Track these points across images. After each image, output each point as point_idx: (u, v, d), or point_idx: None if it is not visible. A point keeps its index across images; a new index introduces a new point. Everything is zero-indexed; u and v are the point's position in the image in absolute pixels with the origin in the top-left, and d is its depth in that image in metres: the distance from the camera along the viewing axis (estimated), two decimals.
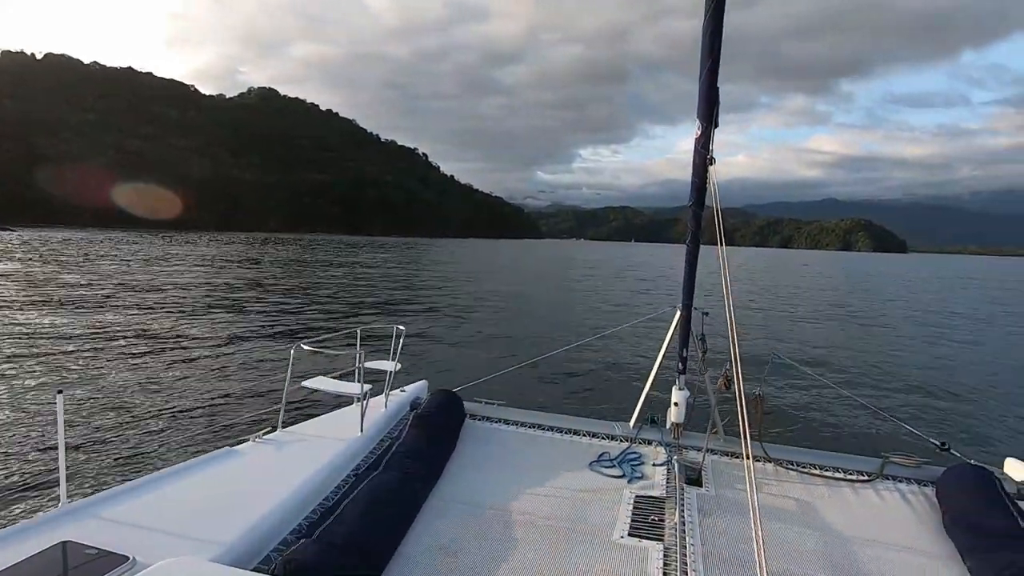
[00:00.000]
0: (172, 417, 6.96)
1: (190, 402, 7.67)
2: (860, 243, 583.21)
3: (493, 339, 14.40)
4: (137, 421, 6.76)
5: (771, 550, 2.38)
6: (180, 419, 6.92)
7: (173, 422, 6.79)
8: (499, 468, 3.03)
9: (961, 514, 2.65)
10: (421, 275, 35.75)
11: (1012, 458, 3.22)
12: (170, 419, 6.89)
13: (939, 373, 12.84)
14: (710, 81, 2.77)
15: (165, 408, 7.30)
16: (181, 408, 7.36)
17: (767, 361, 10.14)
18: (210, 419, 6.97)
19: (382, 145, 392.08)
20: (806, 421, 8.36)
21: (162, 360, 10.04)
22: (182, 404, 7.54)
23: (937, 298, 34.80)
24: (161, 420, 6.87)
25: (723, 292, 2.84)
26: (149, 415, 7.01)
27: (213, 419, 6.96)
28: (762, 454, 3.27)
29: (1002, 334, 19.51)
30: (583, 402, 8.64)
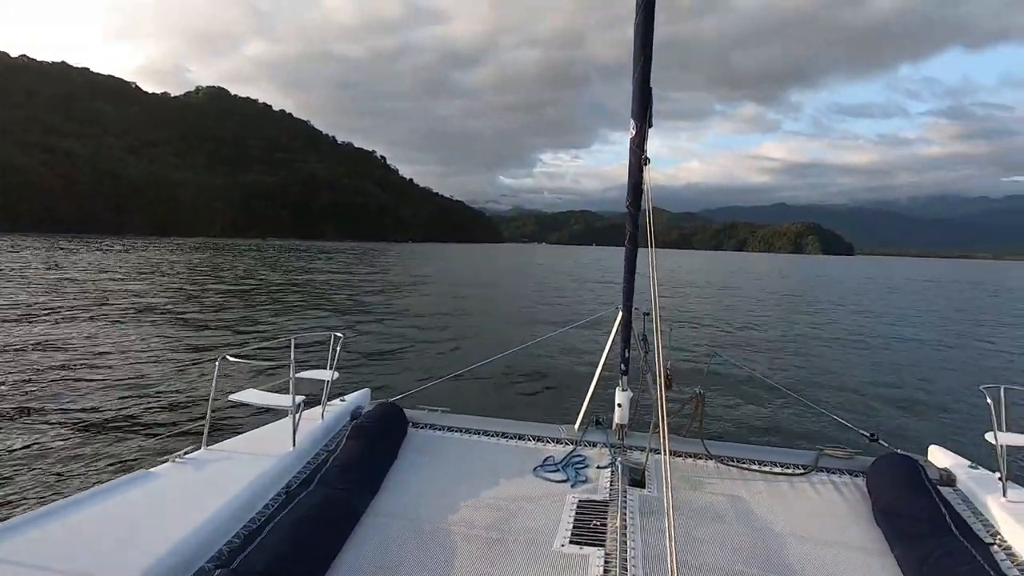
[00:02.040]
0: (84, 439, 6.35)
1: (105, 422, 6.98)
2: (810, 246, 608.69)
3: (440, 344, 14.00)
4: (43, 444, 6.17)
5: (710, 548, 2.45)
6: (93, 441, 6.32)
7: (85, 444, 6.20)
8: (442, 478, 2.95)
9: (888, 503, 2.75)
10: (371, 281, 34.29)
11: (935, 446, 3.40)
12: (81, 441, 6.28)
13: (869, 368, 13.44)
14: (643, 81, 2.79)
15: (76, 429, 6.67)
16: (95, 429, 6.72)
17: (708, 360, 9.89)
18: (127, 440, 6.44)
19: (338, 147, 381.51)
20: (746, 417, 8.60)
21: (73, 376, 9.06)
22: (96, 424, 6.88)
23: (873, 298, 35.89)
24: (71, 442, 6.27)
25: (651, 293, 2.92)
26: (58, 437, 6.42)
27: (130, 440, 6.45)
28: (703, 452, 3.32)
29: (926, 331, 20.65)
30: (530, 406, 8.61)
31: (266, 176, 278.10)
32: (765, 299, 32.48)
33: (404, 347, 13.44)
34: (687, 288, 39.37)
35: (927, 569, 2.24)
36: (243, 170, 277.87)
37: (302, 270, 42.27)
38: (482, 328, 17.14)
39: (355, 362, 11.11)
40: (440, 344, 14.04)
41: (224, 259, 53.05)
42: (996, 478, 2.82)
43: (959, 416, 9.00)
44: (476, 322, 18.33)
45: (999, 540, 2.53)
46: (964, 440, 3.33)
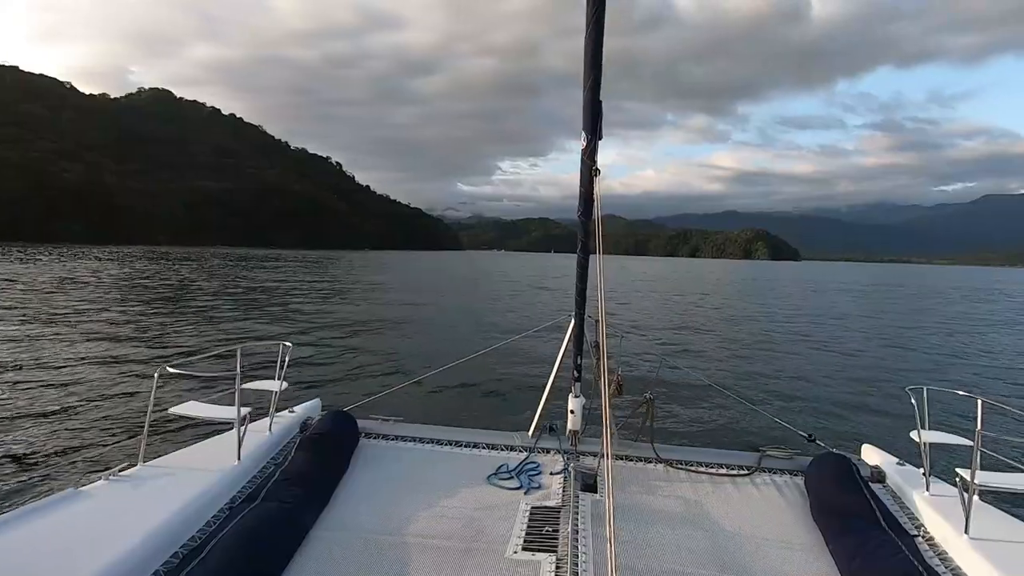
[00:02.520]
0: (9, 457, 6.07)
1: (33, 439, 6.63)
2: (759, 252, 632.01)
3: (394, 353, 13.85)
4: None
5: (658, 550, 2.48)
6: (20, 460, 6.04)
7: (10, 463, 5.95)
8: (394, 489, 2.92)
9: (824, 500, 2.87)
10: (324, 289, 33.36)
11: (867, 445, 3.58)
12: (6, 460, 6.01)
13: (809, 370, 14.03)
14: (593, 95, 2.82)
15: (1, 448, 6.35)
16: (21, 447, 6.40)
17: (659, 366, 10.23)
18: (57, 457, 6.14)
19: (291, 152, 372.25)
20: (694, 421, 8.84)
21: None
22: (23, 442, 6.54)
23: (815, 302, 37.90)
24: None
25: (598, 300, 3.02)
26: None
27: (60, 457, 6.14)
28: (653, 455, 3.40)
29: (862, 334, 21.62)
30: (485, 414, 8.50)
31: (214, 182, 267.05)
32: (714, 304, 33.24)
33: (357, 356, 13.17)
34: (640, 295, 39.74)
35: (858, 562, 2.32)
36: (189, 176, 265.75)
37: (251, 279, 40.58)
38: (437, 336, 16.94)
39: (305, 372, 10.88)
40: (394, 353, 13.81)
41: (165, 268, 50.20)
42: (921, 473, 2.95)
43: (890, 415, 9.24)
44: (430, 330, 18.09)
45: (923, 532, 2.65)
46: (894, 438, 3.47)
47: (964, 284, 78.16)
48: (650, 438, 3.52)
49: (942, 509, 2.67)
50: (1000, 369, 15.30)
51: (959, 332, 23.19)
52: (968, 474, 2.50)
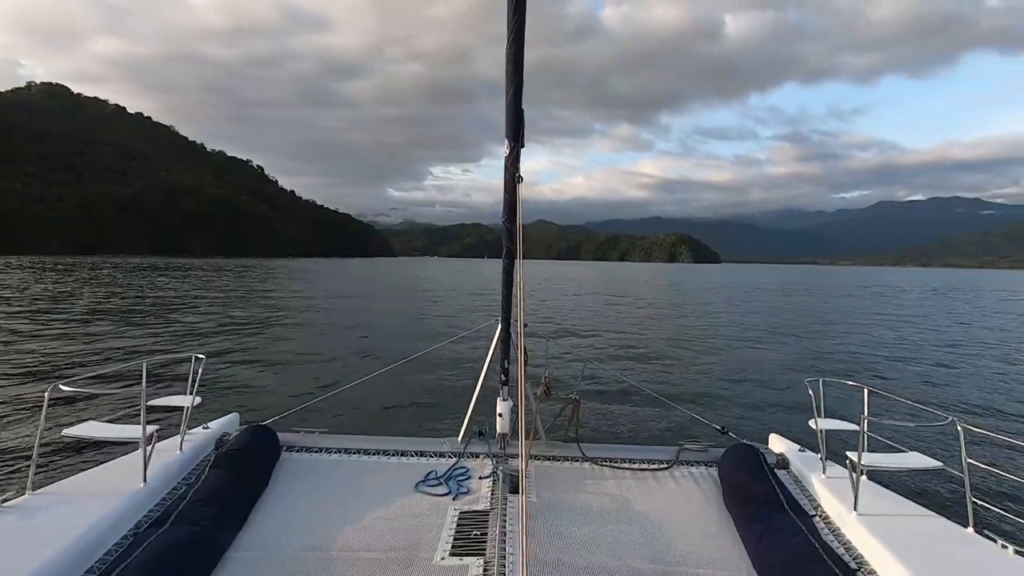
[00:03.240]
0: None
1: None
2: (683, 256, 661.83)
3: (318, 363, 13.46)
4: None
5: (583, 544, 2.55)
6: None
7: None
8: (318, 502, 2.85)
9: (735, 488, 3.04)
10: (240, 299, 31.50)
11: (774, 434, 3.78)
12: None
13: (724, 367, 14.74)
14: (515, 104, 2.86)
15: None
16: None
17: (584, 367, 11.02)
18: None
19: (207, 154, 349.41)
20: (618, 419, 9.09)
21: None
22: None
23: (733, 303, 39.93)
24: None
25: (517, 304, 3.10)
26: None
27: None
28: (579, 454, 3.47)
29: (772, 331, 22.93)
30: (414, 421, 8.50)
31: (118, 185, 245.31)
32: (639, 306, 34.75)
33: (278, 368, 12.66)
34: (568, 298, 40.06)
35: (763, 544, 2.51)
36: (89, 178, 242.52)
37: (158, 288, 37.10)
38: (363, 344, 16.51)
39: (222, 386, 10.41)
40: (317, 363, 13.34)
41: (57, 279, 44.72)
42: (818, 458, 3.17)
43: (796, 406, 9.69)
44: (356, 338, 17.59)
45: (820, 512, 2.89)
46: (799, 427, 3.57)
47: (862, 282, 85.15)
48: (576, 437, 3.61)
49: (836, 490, 2.89)
50: (887, 359, 16.71)
51: (858, 326, 25.16)
52: (856, 456, 2.71)
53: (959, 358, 17.14)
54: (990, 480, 3.31)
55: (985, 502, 2.65)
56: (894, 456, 3.12)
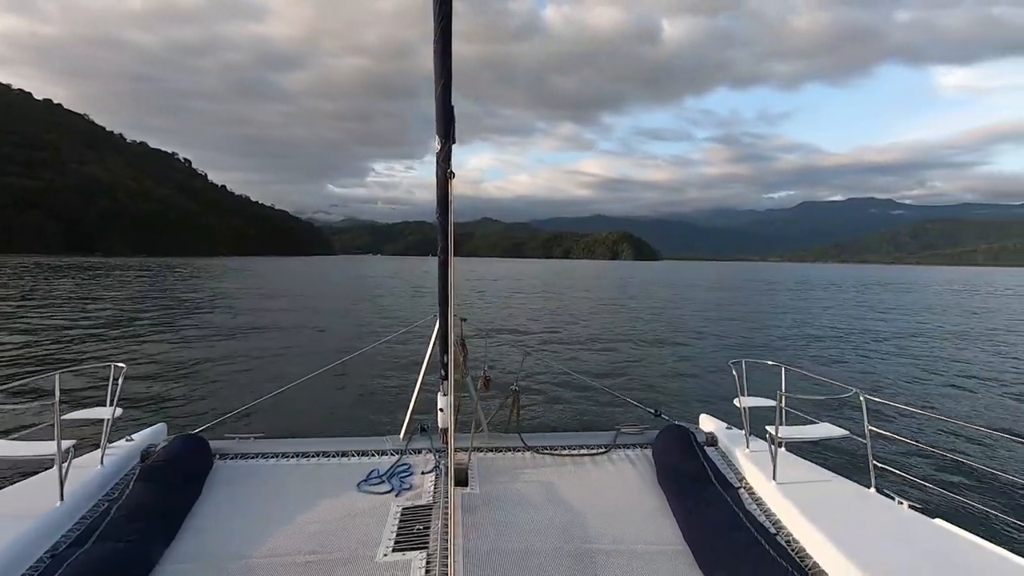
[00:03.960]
0: None
1: None
2: (625, 253, 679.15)
3: (252, 366, 12.89)
4: None
5: (523, 531, 2.59)
6: None
7: None
8: (254, 509, 2.78)
9: (667, 467, 3.19)
10: (163, 301, 29.27)
11: (704, 414, 3.98)
12: None
13: (656, 354, 15.44)
14: (444, 99, 2.86)
15: None
16: None
17: (523, 359, 10.67)
18: None
19: (127, 146, 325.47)
20: (558, 408, 9.26)
21: None
22: None
23: (670, 296, 41.74)
24: None
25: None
26: None
27: None
28: (521, 444, 3.53)
29: (702, 322, 24.19)
30: (355, 421, 8.41)
31: (23, 179, 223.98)
32: (578, 300, 35.50)
33: (208, 373, 12.00)
34: (509, 294, 40.11)
35: (693, 516, 2.66)
36: None
37: (69, 292, 33.48)
38: (299, 345, 15.90)
39: (146, 396, 9.82)
40: (251, 367, 12.77)
41: None
42: (743, 434, 3.38)
43: (725, 387, 10.02)
44: (293, 339, 16.95)
45: (744, 483, 3.09)
46: (726, 406, 3.75)
47: (789, 278, 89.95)
48: (518, 428, 3.68)
49: (758, 462, 3.10)
50: (808, 343, 18.20)
51: (782, 316, 27.08)
52: (774, 430, 2.95)
53: (867, 342, 18.92)
54: (889, 445, 3.54)
55: (885, 464, 2.92)
56: (808, 427, 3.34)
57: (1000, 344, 18.86)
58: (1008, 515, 3.09)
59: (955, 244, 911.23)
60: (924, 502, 2.73)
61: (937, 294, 50.04)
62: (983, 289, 61.01)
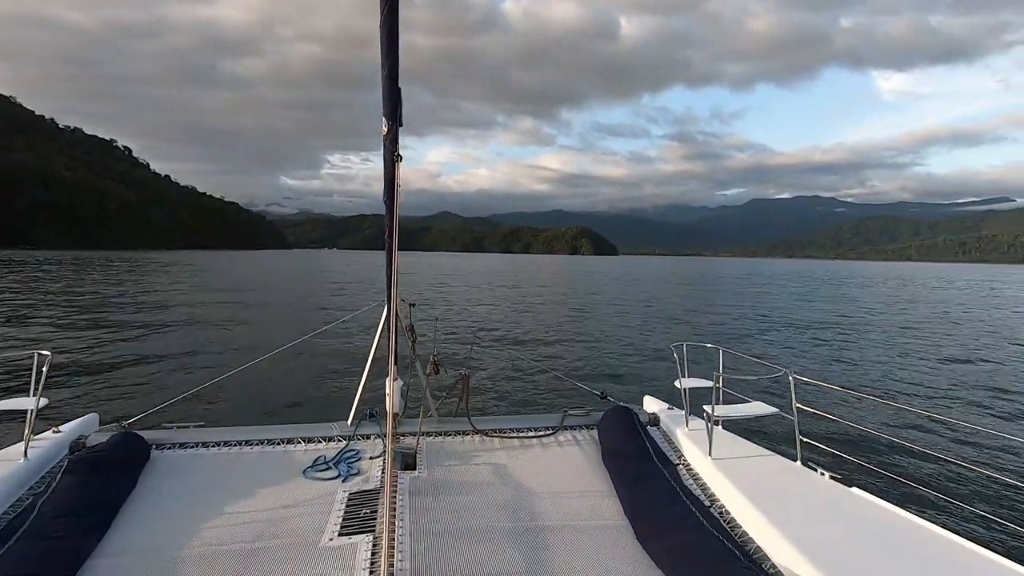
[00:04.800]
0: None
1: None
2: (584, 248, 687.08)
3: (193, 354, 12.60)
4: None
5: (472, 512, 2.63)
6: None
7: None
8: (195, 500, 2.70)
9: (611, 447, 3.31)
10: (100, 295, 27.73)
11: (648, 396, 4.11)
12: None
13: (603, 340, 15.48)
14: (391, 81, 2.83)
15: None
16: None
17: (471, 344, 11.65)
18: None
19: (59, 132, 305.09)
20: (507, 392, 9.38)
21: None
22: None
23: (623, 288, 43.32)
24: None
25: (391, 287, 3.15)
26: None
27: None
28: (470, 428, 3.57)
29: (647, 312, 25.28)
30: (302, 407, 8.31)
31: None
32: (531, 293, 35.98)
33: (145, 364, 11.59)
34: (467, 285, 40.00)
35: (633, 493, 2.80)
36: None
37: None
38: (243, 334, 15.53)
39: (77, 386, 9.40)
40: (191, 357, 12.40)
41: None
42: (683, 414, 3.53)
43: (669, 370, 10.51)
44: (235, 331, 16.46)
45: (683, 460, 3.23)
46: (670, 387, 3.88)
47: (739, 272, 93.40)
48: (467, 412, 3.72)
49: (696, 440, 3.25)
50: (750, 330, 19.16)
51: (730, 307, 28.16)
52: (711, 409, 3.09)
53: (803, 328, 20.25)
54: (814, 421, 3.81)
55: (809, 439, 3.14)
56: (742, 406, 3.51)
57: (918, 331, 20.18)
58: (915, 481, 3.40)
59: (892, 240, 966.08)
60: (843, 472, 2.94)
61: (870, 287, 53.00)
62: (912, 283, 64.83)
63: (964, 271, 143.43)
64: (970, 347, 16.57)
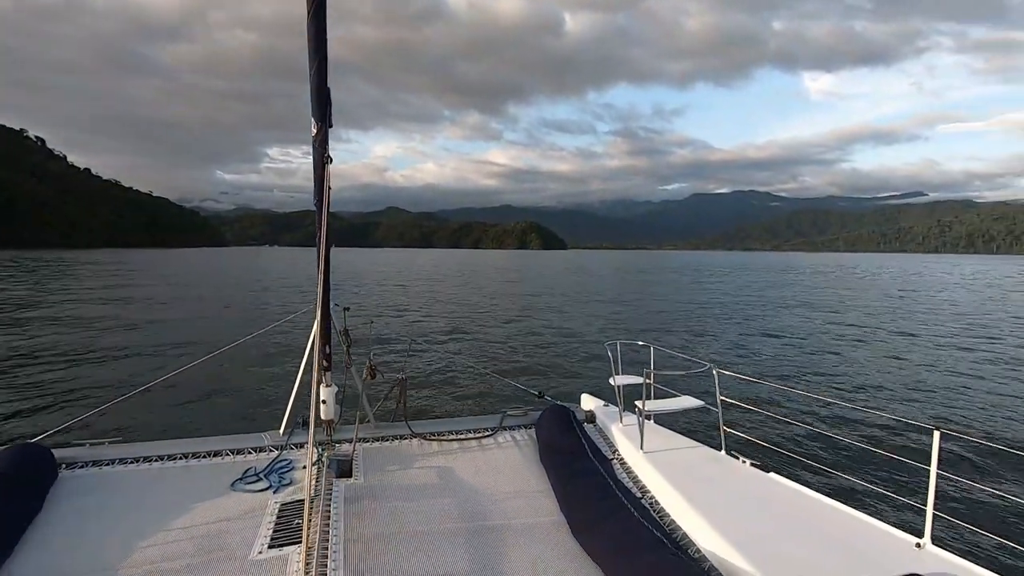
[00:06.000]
0: None
1: None
2: (533, 242, 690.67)
3: (105, 367, 11.33)
4: None
5: (408, 517, 2.61)
6: None
7: None
8: (110, 520, 2.55)
9: (548, 445, 3.40)
10: None
11: (585, 394, 4.21)
12: None
13: (540, 339, 15.50)
14: (319, 82, 2.78)
15: None
16: None
17: (408, 347, 11.13)
18: None
19: None
20: (447, 394, 9.20)
21: None
22: None
23: (567, 283, 43.24)
24: None
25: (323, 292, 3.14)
26: None
27: None
28: (408, 432, 3.60)
29: (592, 307, 25.29)
30: (230, 419, 7.93)
31: None
32: (474, 290, 35.60)
33: (53, 375, 10.53)
34: (409, 283, 39.57)
35: (570, 488, 2.87)
36: None
37: None
38: (164, 343, 14.25)
39: None
40: (105, 367, 11.36)
41: None
42: (618, 411, 3.70)
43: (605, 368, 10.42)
44: (156, 337, 15.16)
45: (616, 454, 3.37)
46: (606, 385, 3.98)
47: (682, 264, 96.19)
48: (404, 416, 3.74)
49: (629, 435, 3.38)
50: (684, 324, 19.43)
51: (673, 300, 28.98)
52: (642, 404, 3.23)
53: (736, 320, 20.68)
54: (737, 412, 4.03)
55: (733, 430, 3.31)
56: (671, 401, 3.67)
57: (836, 322, 20.86)
58: (823, 464, 3.60)
59: (821, 233, 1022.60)
60: (763, 459, 3.16)
61: (805, 277, 55.48)
62: (837, 272, 68.61)
63: (888, 260, 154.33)
64: (898, 335, 17.12)
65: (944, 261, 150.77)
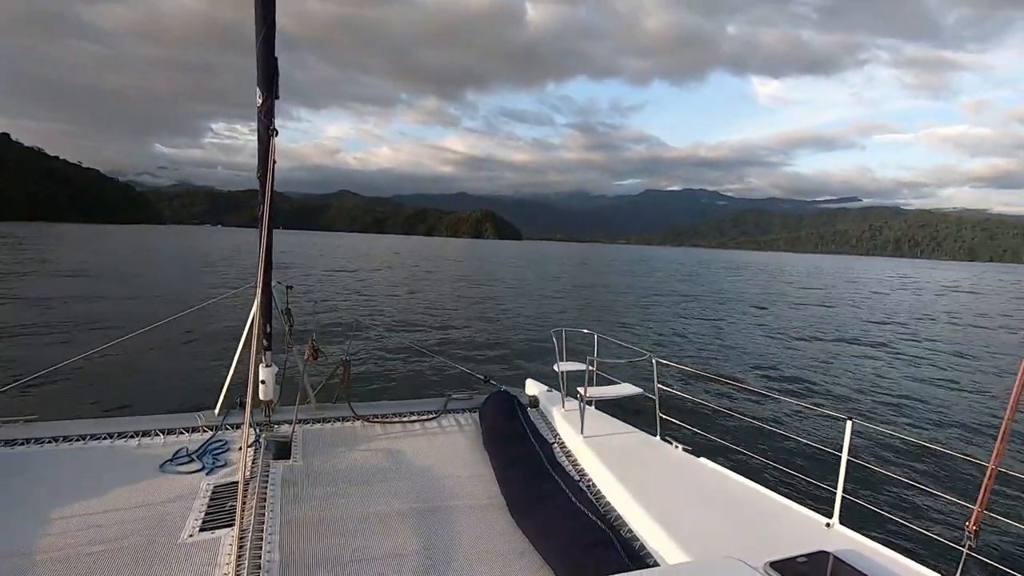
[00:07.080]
0: None
1: None
2: (488, 232, 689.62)
3: (21, 341, 10.61)
4: None
5: (349, 500, 2.59)
6: None
7: None
8: (26, 502, 2.41)
9: (491, 429, 3.45)
10: None
11: (530, 379, 4.28)
12: None
13: (489, 326, 15.45)
14: (266, 50, 2.72)
15: None
16: None
17: (352, 328, 11.20)
18: None
19: None
20: (391, 377, 9.19)
21: None
22: None
23: (517, 273, 43.67)
24: None
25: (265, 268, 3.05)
26: None
27: None
28: (351, 414, 3.56)
29: (543, 295, 25.52)
30: (161, 398, 7.74)
31: None
32: (424, 276, 35.47)
33: None
34: (357, 267, 38.89)
35: (510, 470, 2.94)
36: None
37: None
38: (87, 315, 13.65)
39: None
40: (21, 341, 10.74)
41: None
42: (561, 396, 3.77)
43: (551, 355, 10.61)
44: (79, 312, 14.26)
45: (557, 439, 3.44)
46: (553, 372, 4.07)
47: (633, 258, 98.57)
48: (347, 398, 3.69)
49: (570, 420, 3.46)
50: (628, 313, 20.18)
51: (623, 292, 29.44)
52: (584, 391, 3.37)
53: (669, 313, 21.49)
54: (672, 399, 4.16)
55: (668, 417, 3.46)
56: (612, 387, 3.80)
57: (769, 317, 22.12)
58: (747, 449, 3.78)
59: (764, 232, 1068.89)
60: (694, 444, 3.28)
61: (743, 275, 58.05)
62: (772, 271, 72.10)
63: (825, 261, 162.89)
64: (821, 333, 18.25)
65: (874, 264, 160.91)
